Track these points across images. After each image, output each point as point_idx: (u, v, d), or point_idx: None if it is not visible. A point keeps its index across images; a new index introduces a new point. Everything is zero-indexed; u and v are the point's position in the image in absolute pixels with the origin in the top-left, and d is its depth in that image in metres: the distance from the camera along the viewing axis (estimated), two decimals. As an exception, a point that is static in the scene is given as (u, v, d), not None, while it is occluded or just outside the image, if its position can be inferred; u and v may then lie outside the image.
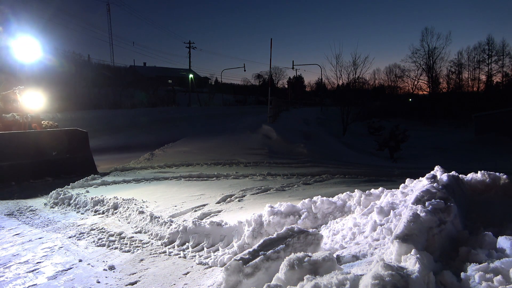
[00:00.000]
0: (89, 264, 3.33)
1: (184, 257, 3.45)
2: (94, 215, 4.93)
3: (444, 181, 3.23)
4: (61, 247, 3.77)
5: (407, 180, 3.94)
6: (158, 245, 3.77)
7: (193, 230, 3.77)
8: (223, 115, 30.12)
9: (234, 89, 65.48)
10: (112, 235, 4.06)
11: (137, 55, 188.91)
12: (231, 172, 7.73)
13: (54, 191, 5.89)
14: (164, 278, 3.03)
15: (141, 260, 3.41)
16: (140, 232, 4.18)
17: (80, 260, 3.41)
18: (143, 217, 4.44)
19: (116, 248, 3.72)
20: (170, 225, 4.07)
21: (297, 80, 70.02)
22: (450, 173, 3.54)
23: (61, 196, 5.66)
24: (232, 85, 69.14)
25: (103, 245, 3.80)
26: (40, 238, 4.06)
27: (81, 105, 25.82)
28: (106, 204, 5.16)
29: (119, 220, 4.65)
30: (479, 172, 3.72)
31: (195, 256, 3.43)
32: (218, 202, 5.32)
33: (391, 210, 3.11)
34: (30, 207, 5.43)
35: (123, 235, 4.06)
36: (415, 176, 3.93)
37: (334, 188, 5.91)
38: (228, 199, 5.46)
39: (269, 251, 2.50)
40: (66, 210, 5.26)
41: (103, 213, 4.96)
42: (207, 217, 4.58)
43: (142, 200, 5.42)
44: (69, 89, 27.25)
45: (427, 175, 3.54)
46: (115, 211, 4.96)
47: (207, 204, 5.22)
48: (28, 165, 7.15)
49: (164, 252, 3.58)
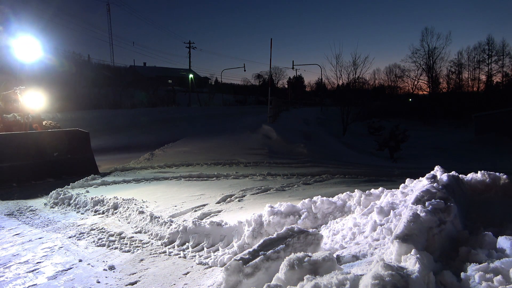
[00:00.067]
0: (89, 264, 3.33)
1: (184, 257, 3.45)
2: (94, 215, 4.93)
3: (444, 181, 3.23)
4: (61, 247, 3.77)
5: (407, 180, 3.94)
6: (158, 245, 3.78)
7: (193, 230, 3.77)
8: (223, 115, 30.11)
9: (234, 89, 65.49)
10: (112, 235, 4.06)
11: (137, 55, 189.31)
12: (231, 172, 7.73)
13: (54, 191, 5.89)
14: (164, 278, 3.03)
15: (141, 260, 3.41)
16: (140, 232, 4.18)
17: (80, 260, 3.42)
18: (143, 217, 4.44)
19: (116, 248, 3.72)
20: (170, 225, 4.07)
21: (297, 80, 70.07)
22: (450, 173, 3.54)
23: (61, 196, 5.67)
24: (232, 85, 69.26)
25: (103, 245, 3.80)
26: (40, 238, 4.06)
27: (81, 105, 25.81)
28: (106, 204, 5.16)
29: (119, 220, 4.65)
30: (479, 172, 3.72)
31: (195, 256, 3.43)
32: (218, 202, 5.32)
33: (391, 210, 3.11)
34: (30, 207, 5.44)
35: (123, 235, 4.06)
36: (415, 176, 3.93)
37: (334, 188, 5.91)
38: (228, 199, 5.46)
39: (269, 251, 2.50)
40: (66, 210, 5.26)
41: (103, 213, 4.96)
42: (207, 217, 4.58)
43: (142, 200, 5.42)
44: (69, 89, 27.24)
45: (427, 175, 3.53)
46: (115, 211, 4.96)
47: (207, 204, 5.22)
48: (29, 166, 7.11)
49: (164, 252, 3.58)
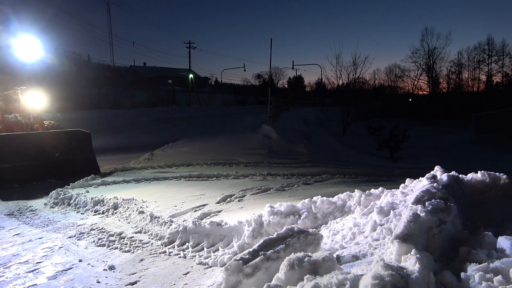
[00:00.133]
0: (89, 264, 3.33)
1: (184, 257, 3.45)
2: (94, 215, 4.93)
3: (444, 181, 3.23)
4: (61, 247, 3.77)
5: (407, 180, 3.94)
6: (158, 245, 3.78)
7: (193, 230, 3.77)
8: (223, 115, 30.12)
9: (234, 89, 65.50)
10: (112, 235, 4.06)
11: (137, 55, 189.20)
12: (231, 172, 7.73)
13: (54, 191, 5.89)
14: (164, 278, 3.03)
15: (141, 260, 3.41)
16: (140, 232, 4.18)
17: (80, 260, 3.42)
18: (143, 217, 4.44)
19: (116, 248, 3.72)
20: (170, 225, 4.07)
21: (297, 80, 70.01)
22: (450, 173, 3.54)
23: (61, 196, 5.67)
24: (232, 85, 69.26)
25: (103, 245, 3.80)
26: (40, 238, 4.06)
27: (81, 105, 25.83)
28: (106, 204, 5.16)
29: (119, 220, 4.65)
30: (479, 172, 3.72)
31: (195, 256, 3.43)
32: (218, 202, 5.32)
33: (391, 210, 3.11)
34: (30, 207, 5.44)
35: (123, 235, 4.06)
36: (415, 176, 3.93)
37: (334, 188, 5.91)
38: (228, 199, 5.46)
39: (269, 251, 2.50)
40: (66, 210, 5.26)
41: (103, 213, 4.96)
42: (207, 217, 4.58)
43: (142, 200, 5.42)
44: (69, 89, 27.25)
45: (427, 175, 3.53)
46: (115, 211, 4.96)
47: (207, 204, 5.22)
48: (31, 167, 7.07)
49: (164, 252, 3.58)
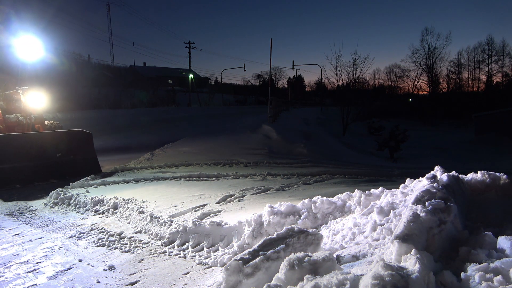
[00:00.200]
0: (89, 264, 3.33)
1: (184, 257, 3.45)
2: (94, 215, 4.93)
3: (444, 181, 3.23)
4: (61, 247, 3.77)
5: (407, 180, 3.94)
6: (158, 245, 3.78)
7: (193, 230, 3.77)
8: (223, 115, 30.12)
9: (234, 89, 65.47)
10: (112, 235, 4.06)
11: (137, 55, 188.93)
12: (231, 172, 7.73)
13: (54, 191, 5.89)
14: (164, 278, 3.03)
15: (141, 260, 3.41)
16: (140, 232, 4.18)
17: (80, 260, 3.42)
18: (143, 217, 4.44)
19: (116, 248, 3.72)
20: (170, 225, 4.07)
21: (297, 80, 70.01)
22: (450, 173, 3.53)
23: (61, 196, 5.66)
24: (232, 85, 69.22)
25: (103, 245, 3.80)
26: (40, 238, 4.06)
27: (81, 105, 25.82)
28: (106, 204, 5.16)
29: (119, 220, 4.65)
30: (479, 172, 3.72)
31: (195, 256, 3.43)
32: (218, 202, 5.32)
33: (391, 210, 3.11)
34: (30, 207, 5.44)
35: (123, 235, 4.06)
36: (415, 176, 3.93)
37: (334, 188, 5.91)
38: (228, 199, 5.45)
39: (269, 251, 2.50)
40: (66, 210, 5.26)
41: (103, 213, 4.96)
42: (207, 217, 4.58)
43: (142, 200, 5.42)
44: (69, 89, 27.26)
45: (427, 175, 3.53)
46: (115, 211, 4.96)
47: (207, 204, 5.22)
48: (32, 167, 7.04)
49: (164, 252, 3.58)
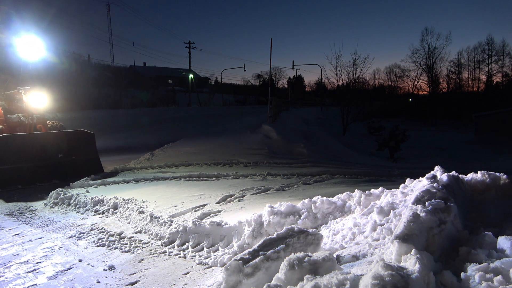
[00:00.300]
0: (89, 264, 3.33)
1: (184, 257, 3.45)
2: (94, 215, 4.93)
3: (444, 181, 3.23)
4: (61, 247, 3.77)
5: (407, 180, 3.94)
6: (158, 245, 3.78)
7: (193, 230, 3.77)
8: (223, 115, 30.08)
9: (234, 89, 65.48)
10: (112, 235, 4.06)
11: (137, 55, 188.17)
12: (231, 172, 7.73)
13: (54, 191, 5.89)
14: (164, 278, 3.03)
15: (141, 260, 3.41)
16: (140, 232, 4.18)
17: (80, 260, 3.42)
18: (143, 217, 4.44)
19: (116, 248, 3.72)
20: (170, 225, 4.07)
21: (297, 80, 70.06)
22: (450, 173, 3.54)
23: (61, 196, 5.66)
24: (232, 85, 69.24)
25: (103, 245, 3.80)
26: (40, 238, 4.06)
27: (81, 105, 25.83)
28: (106, 204, 5.16)
29: (119, 220, 4.65)
30: (479, 172, 3.72)
31: (195, 256, 3.43)
32: (218, 202, 5.32)
33: (391, 210, 3.11)
34: (30, 207, 5.44)
35: (123, 235, 4.06)
36: (415, 176, 3.93)
37: (334, 188, 5.90)
38: (228, 199, 5.45)
39: (269, 251, 2.50)
40: (66, 210, 5.26)
41: (103, 213, 4.96)
42: (207, 217, 4.58)
43: (142, 200, 5.42)
44: (69, 89, 27.24)
45: (427, 175, 3.53)
46: (115, 211, 4.96)
47: (207, 204, 5.22)
48: (34, 168, 7.01)
49: (164, 252, 3.58)
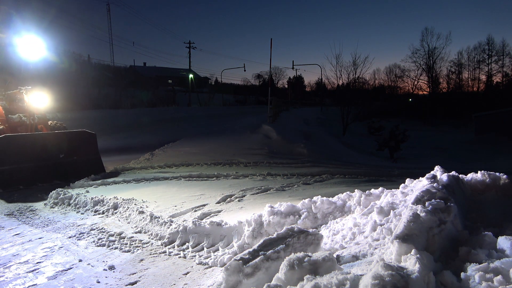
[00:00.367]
0: (89, 264, 3.33)
1: (184, 257, 3.45)
2: (94, 215, 4.93)
3: (444, 181, 3.23)
4: (61, 247, 3.77)
5: (407, 180, 3.94)
6: (158, 245, 3.78)
7: (193, 230, 3.77)
8: (223, 115, 30.08)
9: (234, 89, 65.47)
10: (112, 235, 4.06)
11: (137, 55, 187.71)
12: (231, 172, 7.73)
13: (54, 191, 5.88)
14: (164, 278, 3.03)
15: (141, 260, 3.41)
16: (140, 232, 4.18)
17: (80, 260, 3.42)
18: (143, 217, 4.44)
19: (116, 248, 3.72)
20: (170, 225, 4.07)
21: (297, 80, 70.06)
22: (450, 173, 3.54)
23: (61, 196, 5.66)
24: (232, 85, 69.24)
25: (103, 245, 3.80)
26: (40, 238, 4.06)
27: (81, 105, 25.79)
28: (106, 204, 5.16)
29: (119, 220, 4.65)
30: (479, 172, 3.72)
31: (195, 256, 3.43)
32: (218, 202, 5.32)
33: (391, 210, 3.11)
34: (30, 207, 5.44)
35: (123, 235, 4.06)
36: (415, 176, 3.93)
37: (334, 188, 5.90)
38: (228, 199, 5.45)
39: (269, 251, 2.50)
40: (66, 210, 5.26)
41: (103, 213, 4.96)
42: (207, 217, 4.58)
43: (142, 200, 5.42)
44: (69, 89, 27.24)
45: (427, 175, 3.54)
46: (115, 211, 4.96)
47: (207, 204, 5.22)
48: (36, 168, 6.98)
49: (164, 252, 3.58)
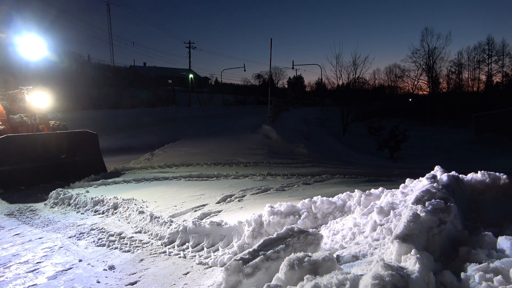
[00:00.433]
0: (89, 264, 3.33)
1: (184, 257, 3.45)
2: (94, 215, 4.93)
3: (444, 181, 3.23)
4: (61, 247, 3.77)
5: (407, 180, 3.94)
6: (158, 245, 3.78)
7: (193, 230, 3.77)
8: (223, 115, 30.09)
9: (234, 89, 65.47)
10: (112, 235, 4.06)
11: (137, 55, 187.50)
12: (231, 172, 7.73)
13: (54, 191, 5.88)
14: (164, 278, 3.03)
15: (141, 260, 3.41)
16: (140, 232, 4.18)
17: (80, 260, 3.42)
18: (143, 217, 4.44)
19: (116, 248, 3.72)
20: (170, 225, 4.07)
21: (297, 80, 70.09)
22: (450, 173, 3.54)
23: (61, 196, 5.66)
24: (232, 85, 69.24)
25: (103, 245, 3.80)
26: (40, 238, 4.06)
27: (81, 105, 25.78)
28: (106, 204, 5.16)
29: (119, 220, 4.65)
30: (479, 172, 3.72)
31: (195, 256, 3.43)
32: (218, 202, 5.32)
33: (391, 210, 3.11)
34: (30, 207, 5.44)
35: (123, 235, 4.06)
36: (415, 176, 3.93)
37: (334, 188, 5.90)
38: (228, 199, 5.45)
39: (269, 251, 2.50)
40: (66, 210, 5.26)
41: (103, 213, 4.96)
42: (207, 217, 4.58)
43: (142, 200, 5.42)
44: (69, 89, 27.25)
45: (427, 175, 3.54)
46: (115, 211, 4.96)
47: (207, 204, 5.22)
48: (37, 169, 6.95)
49: (164, 252, 3.58)
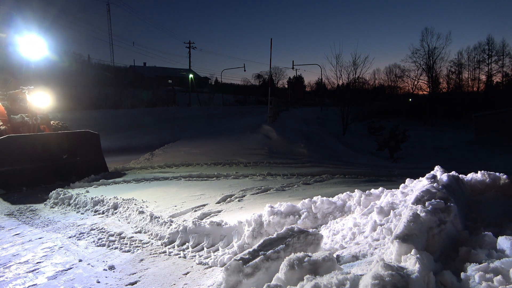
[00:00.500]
0: (89, 264, 3.33)
1: (184, 257, 3.45)
2: (94, 215, 4.93)
3: (444, 181, 3.23)
4: (61, 247, 3.77)
5: (407, 180, 3.94)
6: (158, 245, 3.77)
7: (193, 230, 3.77)
8: (223, 115, 30.06)
9: (234, 89, 65.47)
10: (112, 235, 4.06)
11: (137, 55, 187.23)
12: (231, 172, 7.73)
13: (54, 191, 5.88)
14: (164, 278, 3.03)
15: (141, 260, 3.41)
16: (140, 232, 4.18)
17: (80, 260, 3.42)
18: (143, 217, 4.44)
19: (116, 248, 3.72)
20: (170, 225, 4.07)
21: (297, 80, 70.09)
22: (450, 173, 3.54)
23: (61, 196, 5.66)
24: (232, 85, 69.26)
25: (103, 245, 3.80)
26: (40, 238, 4.06)
27: (81, 105, 25.80)
28: (106, 204, 5.16)
29: (119, 220, 4.65)
30: (479, 172, 3.72)
31: (195, 256, 3.43)
32: (218, 202, 5.32)
33: (391, 210, 3.11)
34: (30, 207, 5.44)
35: (123, 235, 4.06)
36: (415, 176, 3.93)
37: (334, 188, 5.90)
38: (228, 199, 5.46)
39: (269, 251, 2.50)
40: (66, 210, 5.26)
41: (103, 213, 4.96)
42: (207, 217, 4.58)
43: (142, 200, 5.42)
44: (69, 89, 27.25)
45: (427, 175, 3.54)
46: (115, 211, 4.96)
47: (207, 204, 5.22)
48: (38, 169, 6.93)
49: (164, 252, 3.58)
